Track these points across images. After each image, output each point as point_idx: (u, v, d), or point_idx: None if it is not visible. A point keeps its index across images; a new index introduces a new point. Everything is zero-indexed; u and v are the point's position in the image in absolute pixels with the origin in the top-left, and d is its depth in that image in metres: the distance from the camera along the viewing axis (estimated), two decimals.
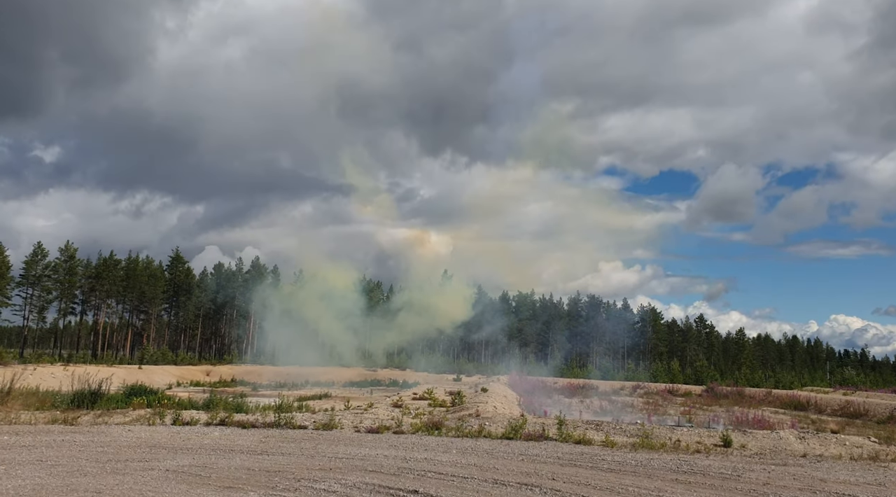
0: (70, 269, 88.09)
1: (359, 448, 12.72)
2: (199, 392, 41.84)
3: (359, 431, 15.63)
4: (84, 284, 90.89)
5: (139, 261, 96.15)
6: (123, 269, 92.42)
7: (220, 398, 22.86)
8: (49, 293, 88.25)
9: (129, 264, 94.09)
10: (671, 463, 12.76)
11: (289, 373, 61.33)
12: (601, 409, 34.26)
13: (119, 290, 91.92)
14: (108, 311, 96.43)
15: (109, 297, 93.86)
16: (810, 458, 14.27)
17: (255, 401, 31.98)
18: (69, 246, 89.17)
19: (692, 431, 16.83)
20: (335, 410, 20.62)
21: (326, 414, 17.41)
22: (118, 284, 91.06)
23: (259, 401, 32.46)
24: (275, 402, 29.61)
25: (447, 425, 16.69)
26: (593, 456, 13.28)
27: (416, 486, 8.87)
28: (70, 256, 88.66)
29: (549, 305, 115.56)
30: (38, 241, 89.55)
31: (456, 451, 13.08)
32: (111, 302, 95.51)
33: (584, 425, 17.26)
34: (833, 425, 21.69)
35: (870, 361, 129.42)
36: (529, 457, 12.76)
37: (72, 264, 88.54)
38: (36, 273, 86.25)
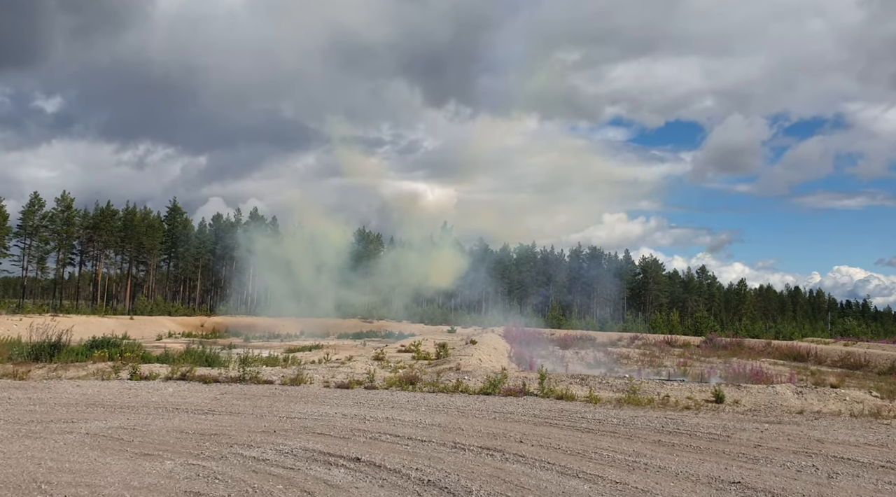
0: (67, 220, 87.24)
1: (319, 406, 11.79)
2: (187, 343, 41.33)
3: (328, 387, 14.73)
4: (82, 235, 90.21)
5: (136, 211, 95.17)
6: (121, 220, 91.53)
7: (195, 350, 22.03)
8: (47, 244, 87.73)
9: (126, 215, 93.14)
10: (656, 421, 11.82)
11: (284, 324, 60.88)
12: (595, 360, 33.55)
13: (117, 241, 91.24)
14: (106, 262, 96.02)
15: (108, 248, 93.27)
16: (807, 415, 13.34)
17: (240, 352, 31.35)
18: (66, 196, 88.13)
19: (683, 386, 15.91)
20: (312, 364, 19.79)
21: (297, 368, 16.51)
22: (116, 235, 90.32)
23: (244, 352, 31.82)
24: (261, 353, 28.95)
25: (424, 380, 15.78)
26: (573, 414, 12.35)
27: (362, 452, 7.90)
28: (67, 207, 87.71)
29: (551, 257, 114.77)
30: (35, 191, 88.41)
31: (425, 408, 12.16)
32: (110, 253, 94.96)
33: (568, 380, 16.35)
34: (833, 378, 20.82)
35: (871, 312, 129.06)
36: (503, 415, 11.83)
37: (69, 214, 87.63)
38: (33, 223, 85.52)
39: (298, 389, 14.14)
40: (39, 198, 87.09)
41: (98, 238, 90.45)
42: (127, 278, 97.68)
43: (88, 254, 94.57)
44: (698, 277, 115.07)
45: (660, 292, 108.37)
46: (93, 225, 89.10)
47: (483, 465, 7.56)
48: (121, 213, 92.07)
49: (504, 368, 17.30)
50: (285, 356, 25.05)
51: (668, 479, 7.43)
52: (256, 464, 7.17)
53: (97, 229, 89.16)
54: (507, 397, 14.34)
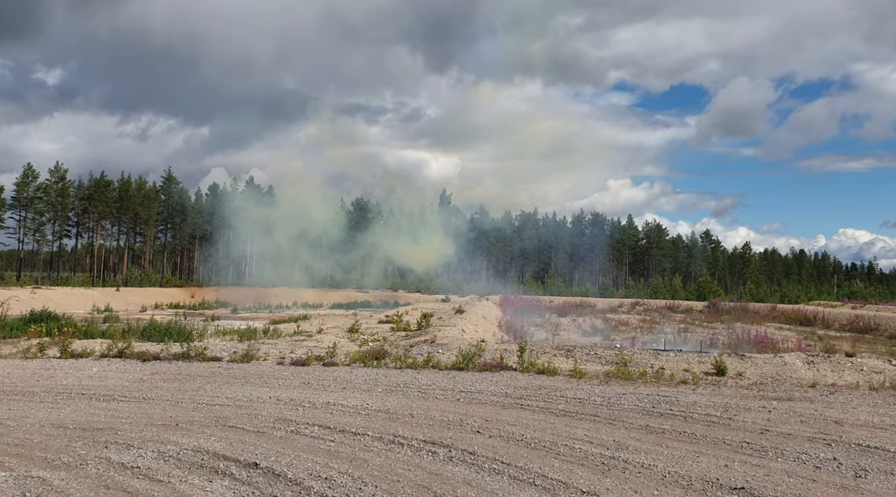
0: (62, 191, 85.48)
1: (256, 388, 10.21)
2: (170, 315, 39.93)
3: (281, 364, 13.16)
4: (77, 206, 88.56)
5: (131, 182, 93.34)
6: (116, 191, 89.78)
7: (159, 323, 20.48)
8: (42, 215, 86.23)
9: (122, 186, 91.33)
10: (647, 400, 10.21)
11: (276, 294, 59.55)
12: (591, 328, 32.00)
13: (112, 212, 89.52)
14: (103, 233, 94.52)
15: (103, 219, 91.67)
16: (821, 390, 11.72)
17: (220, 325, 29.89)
18: (59, 167, 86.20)
19: (680, 356, 14.29)
20: (278, 338, 18.25)
21: (250, 343, 14.93)
22: (111, 206, 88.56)
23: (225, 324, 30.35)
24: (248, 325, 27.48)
25: (392, 354, 14.20)
26: (551, 392, 10.74)
27: (268, 453, 6.30)
28: (61, 178, 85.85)
29: (553, 224, 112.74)
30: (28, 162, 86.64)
31: (382, 389, 10.56)
32: (106, 224, 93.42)
33: (552, 351, 14.74)
34: (847, 346, 19.18)
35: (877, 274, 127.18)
36: (469, 395, 10.23)
37: (63, 186, 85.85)
38: (27, 195, 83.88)
39: (246, 367, 12.56)
40: (33, 169, 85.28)
41: (93, 209, 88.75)
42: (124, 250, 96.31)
43: (84, 225, 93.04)
44: (702, 242, 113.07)
45: (663, 258, 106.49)
46: (87, 196, 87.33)
47: (417, 469, 5.95)
48: (116, 184, 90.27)
49: (483, 340, 15.72)
50: (266, 328, 23.48)
51: (651, 484, 5.81)
52: (118, 474, 5.57)
53: (92, 200, 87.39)
54: (481, 373, 12.75)
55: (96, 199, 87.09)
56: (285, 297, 58.83)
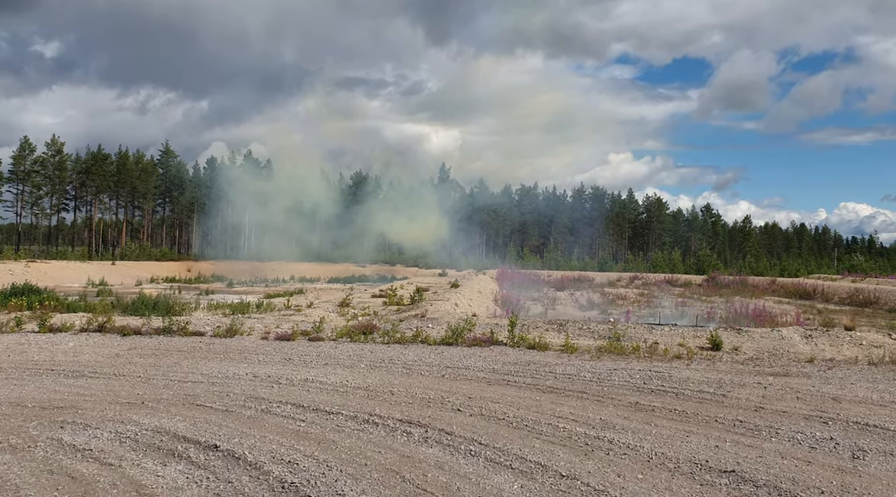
0: (59, 165, 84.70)
1: (234, 364, 9.88)
2: (165, 289, 39.63)
3: (266, 339, 12.83)
4: (74, 180, 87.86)
5: (129, 155, 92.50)
6: (114, 165, 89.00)
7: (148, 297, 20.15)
8: (39, 189, 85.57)
9: (119, 159, 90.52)
10: (638, 376, 9.88)
11: (273, 268, 59.25)
12: (588, 302, 31.70)
13: (110, 186, 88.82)
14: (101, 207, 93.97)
15: (101, 193, 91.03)
16: (818, 365, 11.39)
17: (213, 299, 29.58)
18: (56, 140, 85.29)
19: (675, 331, 13.95)
20: (268, 312, 17.93)
21: (233, 318, 14.59)
22: (109, 180, 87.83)
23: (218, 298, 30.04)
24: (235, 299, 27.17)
25: (381, 329, 13.86)
26: (540, 367, 10.41)
27: (232, 433, 5.96)
28: (58, 151, 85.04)
29: (552, 198, 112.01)
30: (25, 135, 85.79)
31: (365, 365, 10.23)
32: (104, 198, 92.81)
33: (544, 326, 14.40)
34: (846, 319, 18.88)
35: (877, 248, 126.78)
36: (455, 371, 9.90)
37: (60, 159, 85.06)
38: (25, 168, 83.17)
39: (228, 342, 12.23)
40: (30, 142, 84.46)
41: (91, 183, 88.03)
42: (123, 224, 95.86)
43: (82, 199, 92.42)
44: (702, 216, 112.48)
45: (663, 231, 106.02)
46: (85, 169, 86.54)
47: (388, 451, 5.61)
48: (113, 158, 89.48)
49: (474, 315, 15.38)
50: (259, 302, 23.14)
51: (635, 466, 5.47)
52: (68, 457, 5.23)
53: (89, 174, 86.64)
54: (470, 348, 12.42)
55: (94, 172, 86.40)
56: (282, 271, 58.55)
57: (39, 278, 41.21)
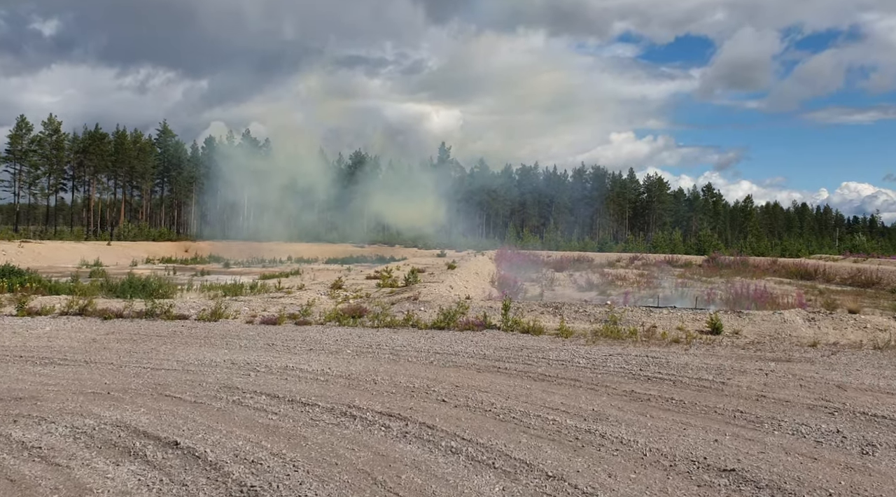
0: (56, 144, 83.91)
1: (213, 350, 9.48)
2: (160, 269, 39.26)
3: (251, 323, 12.43)
4: (72, 159, 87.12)
5: (126, 135, 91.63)
6: (112, 144, 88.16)
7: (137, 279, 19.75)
8: (37, 169, 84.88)
9: (117, 138, 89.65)
10: (635, 362, 9.49)
11: (271, 249, 58.86)
12: (587, 283, 31.31)
13: (108, 166, 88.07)
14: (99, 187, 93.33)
15: (99, 173, 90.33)
16: (822, 349, 11.01)
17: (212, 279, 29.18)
18: (52, 119, 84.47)
19: (674, 314, 13.55)
20: (255, 294, 17.54)
21: (218, 301, 14.19)
22: (107, 159, 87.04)
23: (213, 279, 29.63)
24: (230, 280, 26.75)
25: (372, 312, 13.47)
26: (534, 353, 10.02)
27: (197, 428, 5.58)
28: (55, 130, 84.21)
29: (553, 178, 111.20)
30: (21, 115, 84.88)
31: (351, 351, 9.84)
32: (102, 178, 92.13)
33: (539, 309, 14.00)
34: (850, 302, 18.46)
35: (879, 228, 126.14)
36: (445, 358, 9.51)
37: (58, 138, 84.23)
38: (22, 148, 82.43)
39: (212, 326, 11.84)
40: (27, 121, 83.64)
41: (89, 162, 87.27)
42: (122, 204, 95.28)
43: (80, 179, 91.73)
44: (704, 196, 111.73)
45: (664, 211, 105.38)
46: (82, 149, 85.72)
47: (362, 448, 5.22)
48: (111, 137, 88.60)
49: (468, 297, 14.97)
50: (253, 283, 22.73)
51: (628, 465, 5.08)
52: (13, 456, 4.84)
53: (87, 153, 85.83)
54: (462, 332, 12.03)
55: (91, 152, 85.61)
56: (280, 252, 58.17)
57: (33, 259, 40.82)
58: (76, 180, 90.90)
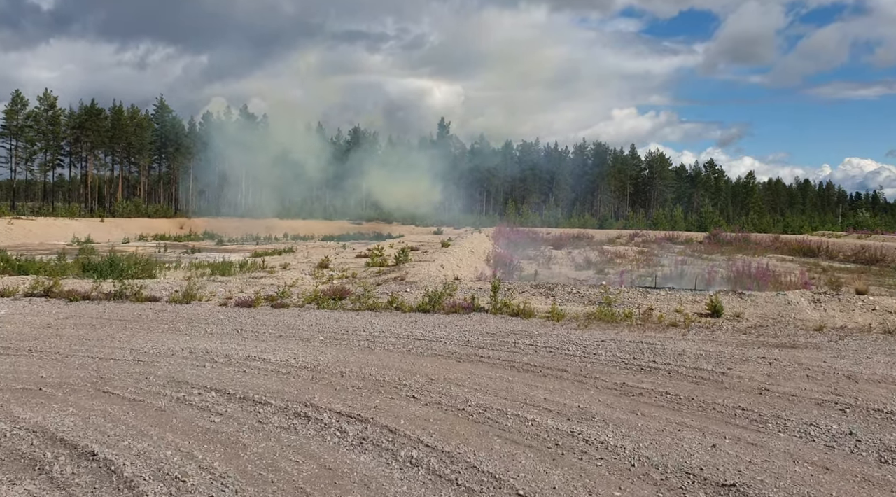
0: (52, 120, 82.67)
1: (174, 337, 8.82)
2: (152, 247, 38.63)
3: (225, 305, 11.77)
4: (69, 135, 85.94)
5: (123, 110, 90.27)
6: (108, 120, 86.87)
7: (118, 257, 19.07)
8: (33, 144, 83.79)
9: (114, 114, 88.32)
10: (628, 348, 8.83)
11: (267, 225, 58.10)
12: (585, 261, 30.63)
13: (105, 141, 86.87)
14: (96, 163, 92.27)
15: (96, 149, 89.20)
16: (829, 334, 10.34)
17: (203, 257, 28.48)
18: (48, 94, 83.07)
19: (672, 295, 12.87)
20: (233, 275, 16.88)
21: (191, 282, 13.50)
22: (103, 135, 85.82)
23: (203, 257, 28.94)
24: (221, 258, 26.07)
25: (355, 294, 12.81)
26: (521, 338, 9.35)
27: (123, 434, 4.92)
28: (51, 105, 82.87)
29: (554, 154, 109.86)
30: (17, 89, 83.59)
31: (325, 337, 9.18)
32: (99, 154, 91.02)
33: (531, 290, 13.32)
34: (857, 282, 17.75)
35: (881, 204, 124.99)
36: (425, 344, 8.84)
37: (54, 114, 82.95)
38: (17, 123, 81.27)
39: (182, 309, 11.17)
40: (22, 97, 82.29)
41: (86, 138, 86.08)
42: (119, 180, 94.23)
43: (77, 155, 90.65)
44: (706, 171, 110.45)
45: (665, 188, 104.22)
46: (79, 125, 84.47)
47: (308, 459, 4.55)
48: (107, 112, 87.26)
49: (457, 278, 14.29)
50: (243, 261, 22.03)
51: (612, 478, 4.42)
52: None
53: (84, 129, 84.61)
54: (448, 316, 11.37)
55: (88, 127, 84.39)
56: (276, 229, 57.46)
57: (24, 236, 40.18)
58: (73, 156, 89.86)
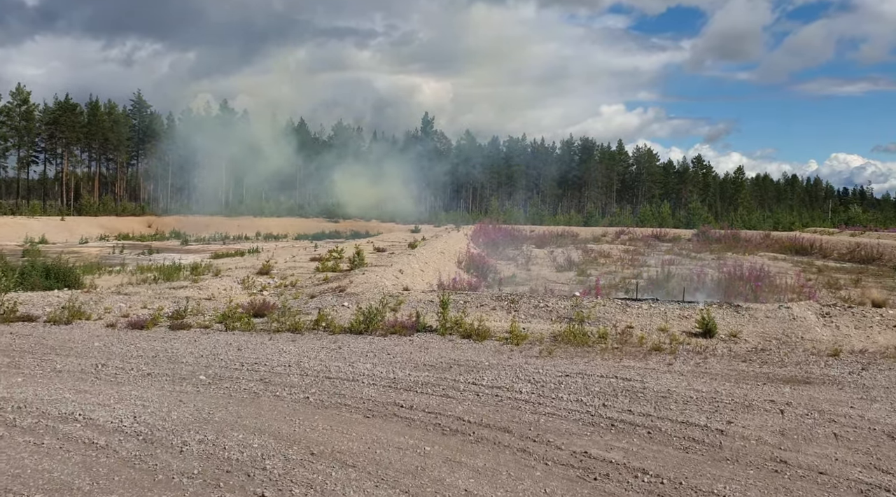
0: (26, 115, 79.55)
1: (4, 378, 6.71)
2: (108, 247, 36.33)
3: (113, 326, 9.66)
4: (43, 131, 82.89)
5: (100, 105, 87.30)
6: (84, 115, 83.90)
7: (39, 263, 16.88)
8: (6, 141, 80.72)
9: (90, 109, 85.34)
10: (599, 387, 6.83)
11: (240, 224, 55.77)
12: (567, 261, 28.63)
13: (80, 138, 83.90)
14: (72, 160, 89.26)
15: (71, 145, 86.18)
16: (847, 361, 8.40)
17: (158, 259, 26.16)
18: (21, 89, 80.00)
19: (655, 309, 10.87)
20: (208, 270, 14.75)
21: (71, 299, 11.34)
22: (78, 131, 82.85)
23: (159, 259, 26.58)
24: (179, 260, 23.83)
25: (279, 310, 10.73)
26: (464, 374, 7.32)
27: None
28: (24, 100, 79.77)
29: (541, 150, 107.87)
30: None
31: (206, 376, 7.11)
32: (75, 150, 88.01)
33: (492, 303, 11.28)
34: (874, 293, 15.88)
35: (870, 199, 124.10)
36: (334, 386, 6.80)
37: (27, 109, 79.83)
38: None
39: (53, 333, 9.05)
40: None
41: (60, 134, 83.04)
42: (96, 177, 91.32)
43: (53, 151, 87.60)
44: (693, 167, 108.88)
45: (653, 184, 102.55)
46: (53, 120, 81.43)
47: None
48: (83, 107, 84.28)
49: (406, 289, 12.23)
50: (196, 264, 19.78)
51: None
52: None
53: (58, 124, 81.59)
54: (386, 338, 9.33)
55: (62, 123, 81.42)
56: (250, 228, 55.18)
57: None
58: (48, 153, 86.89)
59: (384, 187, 62.18)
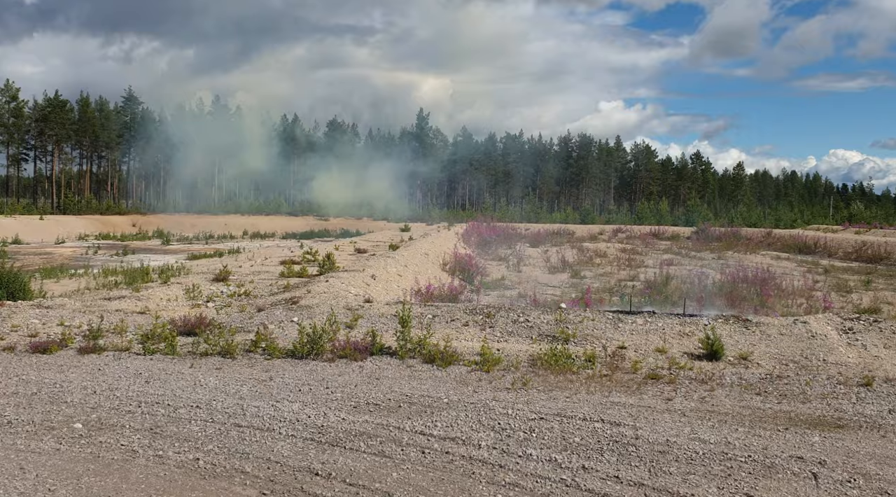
0: (15, 112, 77.82)
1: None
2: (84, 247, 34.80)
3: (12, 350, 8.17)
4: (32, 128, 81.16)
5: (90, 101, 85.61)
6: (74, 111, 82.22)
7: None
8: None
9: (81, 106, 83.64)
10: (580, 438, 5.37)
11: (227, 223, 54.19)
12: (561, 261, 27.14)
13: (70, 134, 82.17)
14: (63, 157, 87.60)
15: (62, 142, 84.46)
16: (882, 393, 6.95)
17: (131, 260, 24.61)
18: (10, 85, 78.30)
19: (652, 324, 9.38)
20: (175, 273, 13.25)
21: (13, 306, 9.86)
22: (68, 128, 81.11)
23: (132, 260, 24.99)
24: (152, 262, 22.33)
25: (216, 324, 9.26)
26: (414, 416, 5.85)
27: None
28: (13, 97, 78.06)
29: (539, 147, 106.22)
30: None
31: (83, 424, 5.65)
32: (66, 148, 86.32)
33: (465, 317, 9.78)
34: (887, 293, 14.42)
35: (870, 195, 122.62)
36: (242, 439, 5.33)
37: (17, 106, 78.11)
38: None
39: None
40: None
41: (50, 131, 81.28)
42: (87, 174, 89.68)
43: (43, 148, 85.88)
44: (692, 164, 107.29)
45: (651, 181, 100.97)
46: (42, 117, 79.70)
47: None
48: (73, 104, 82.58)
49: (367, 300, 10.76)
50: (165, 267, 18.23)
51: None
52: None
53: (48, 121, 79.85)
54: (332, 364, 7.87)
55: (52, 120, 79.70)
56: (237, 226, 53.60)
57: None
58: (38, 150, 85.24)
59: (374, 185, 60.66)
